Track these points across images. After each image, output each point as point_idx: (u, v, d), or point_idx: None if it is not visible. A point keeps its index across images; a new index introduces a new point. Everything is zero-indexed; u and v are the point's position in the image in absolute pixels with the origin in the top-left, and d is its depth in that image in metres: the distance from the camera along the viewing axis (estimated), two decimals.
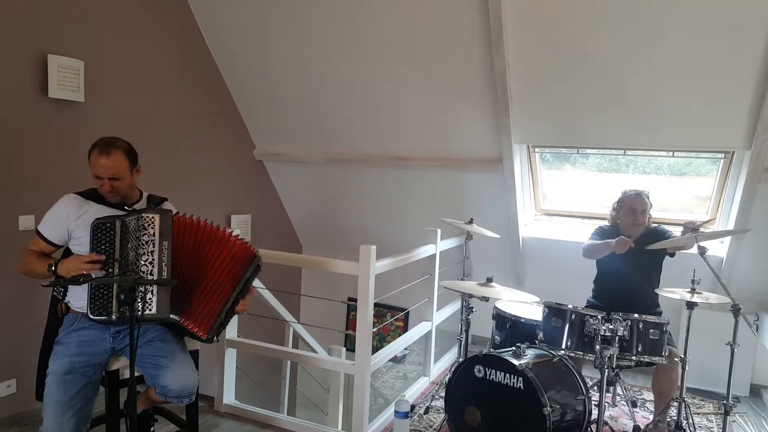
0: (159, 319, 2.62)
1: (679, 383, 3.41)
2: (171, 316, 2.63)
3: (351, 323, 6.28)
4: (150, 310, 2.55)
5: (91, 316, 2.52)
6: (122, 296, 2.23)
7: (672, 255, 3.73)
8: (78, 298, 2.66)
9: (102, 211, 2.67)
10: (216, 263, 2.72)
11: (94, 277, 2.44)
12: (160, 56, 4.69)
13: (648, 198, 3.77)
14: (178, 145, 4.95)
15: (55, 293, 2.81)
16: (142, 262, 2.56)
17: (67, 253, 2.74)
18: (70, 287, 2.71)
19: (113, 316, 2.53)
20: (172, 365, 2.63)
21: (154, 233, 2.59)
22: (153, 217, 2.61)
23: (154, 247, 2.59)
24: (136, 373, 2.42)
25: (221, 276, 2.72)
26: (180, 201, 3.05)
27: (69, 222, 2.64)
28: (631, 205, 3.73)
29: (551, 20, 3.95)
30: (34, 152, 3.80)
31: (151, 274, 2.57)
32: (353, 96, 5.08)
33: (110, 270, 2.54)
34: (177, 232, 2.67)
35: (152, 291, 2.57)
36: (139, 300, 2.28)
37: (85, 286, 2.53)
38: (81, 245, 2.63)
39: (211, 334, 2.70)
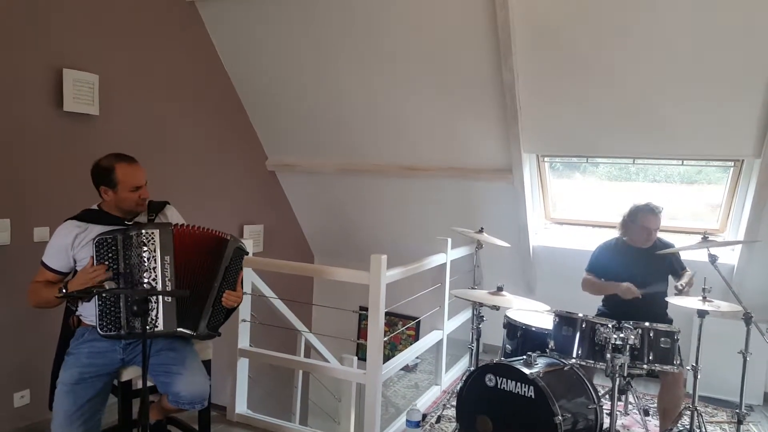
0: (166, 334, 2.65)
1: (683, 402, 3.42)
2: (178, 329, 2.64)
3: (363, 332, 6.29)
4: (157, 326, 2.57)
5: (101, 333, 2.53)
6: (135, 308, 2.21)
7: (679, 290, 3.56)
8: (89, 311, 2.67)
9: (103, 231, 2.65)
10: (201, 262, 2.71)
11: (107, 288, 2.48)
12: (173, 69, 4.74)
13: (661, 213, 3.74)
14: (191, 156, 5.01)
15: (69, 304, 2.83)
16: (145, 279, 2.57)
17: None
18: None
19: (122, 331, 2.54)
20: (183, 372, 2.65)
21: (155, 248, 2.60)
22: (152, 233, 2.61)
23: (156, 263, 2.60)
24: (149, 383, 2.45)
25: (204, 272, 2.72)
26: (193, 212, 3.08)
27: (72, 249, 2.63)
28: (645, 224, 3.70)
29: (559, 32, 3.97)
30: (49, 165, 3.85)
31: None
32: (364, 107, 5.11)
33: (118, 284, 2.55)
34: (177, 245, 2.66)
35: (158, 307, 2.58)
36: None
37: (94, 303, 2.55)
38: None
39: (200, 329, 2.68)
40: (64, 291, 2.51)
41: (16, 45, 3.61)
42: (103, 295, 2.50)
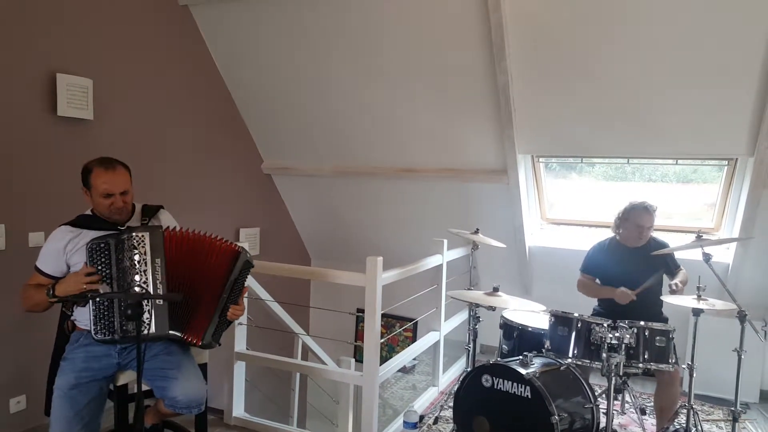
0: (159, 337, 2.65)
1: (679, 400, 3.43)
2: (170, 332, 2.64)
3: (360, 334, 6.29)
4: (149, 330, 2.57)
5: (95, 337, 2.53)
6: (129, 311, 2.21)
7: (674, 289, 3.57)
8: (84, 316, 2.67)
9: (95, 236, 2.63)
10: (202, 270, 2.72)
11: (102, 292, 2.47)
12: (167, 73, 4.74)
13: (655, 212, 3.75)
14: (186, 160, 5.00)
15: (64, 309, 2.83)
16: (136, 281, 2.57)
17: None
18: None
19: (116, 336, 2.54)
20: (179, 376, 2.65)
21: (145, 251, 2.60)
22: (142, 236, 2.61)
23: (146, 266, 2.59)
24: (146, 387, 2.44)
25: (208, 281, 2.72)
26: (189, 216, 3.08)
27: (66, 253, 2.63)
28: (639, 222, 3.70)
29: (553, 33, 3.98)
30: (43, 170, 3.85)
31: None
32: (359, 109, 5.12)
33: (111, 288, 2.55)
34: (168, 248, 2.66)
35: (149, 311, 2.57)
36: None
37: (88, 307, 2.55)
38: None
39: (206, 339, 2.69)
40: (52, 292, 2.52)
41: (8, 49, 3.61)
42: (97, 299, 2.51)
